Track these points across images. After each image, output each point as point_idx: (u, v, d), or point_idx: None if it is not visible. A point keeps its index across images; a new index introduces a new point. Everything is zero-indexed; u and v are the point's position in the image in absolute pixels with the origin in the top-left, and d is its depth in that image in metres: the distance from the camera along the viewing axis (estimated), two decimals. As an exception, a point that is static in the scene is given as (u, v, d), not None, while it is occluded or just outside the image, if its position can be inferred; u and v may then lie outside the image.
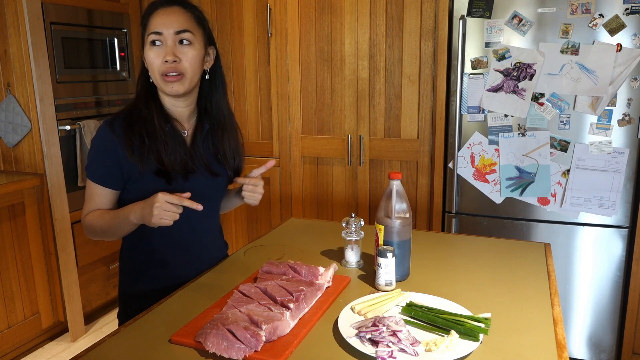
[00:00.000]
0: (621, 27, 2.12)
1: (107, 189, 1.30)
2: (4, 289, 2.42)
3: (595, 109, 2.20)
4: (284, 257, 1.47)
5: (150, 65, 1.30)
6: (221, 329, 0.96)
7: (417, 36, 2.51)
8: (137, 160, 1.27)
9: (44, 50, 2.49)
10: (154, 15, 1.30)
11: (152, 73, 1.31)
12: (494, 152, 2.38)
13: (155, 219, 1.16)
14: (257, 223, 3.07)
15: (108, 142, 1.28)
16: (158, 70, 1.28)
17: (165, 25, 1.27)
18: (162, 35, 1.27)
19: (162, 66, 1.28)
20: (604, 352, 2.39)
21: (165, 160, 1.30)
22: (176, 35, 1.28)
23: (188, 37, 1.29)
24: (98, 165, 1.30)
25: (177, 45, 1.28)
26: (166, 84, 1.30)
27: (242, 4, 2.84)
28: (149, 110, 1.32)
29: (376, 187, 2.73)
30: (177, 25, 1.28)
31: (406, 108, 2.59)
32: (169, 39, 1.27)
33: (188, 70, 1.30)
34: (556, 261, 2.34)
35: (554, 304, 1.15)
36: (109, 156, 1.28)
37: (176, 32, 1.28)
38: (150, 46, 1.29)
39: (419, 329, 1.03)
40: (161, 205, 1.15)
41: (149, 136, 1.29)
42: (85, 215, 1.32)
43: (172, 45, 1.28)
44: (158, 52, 1.28)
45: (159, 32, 1.28)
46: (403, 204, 1.26)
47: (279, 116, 2.87)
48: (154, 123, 1.31)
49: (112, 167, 1.28)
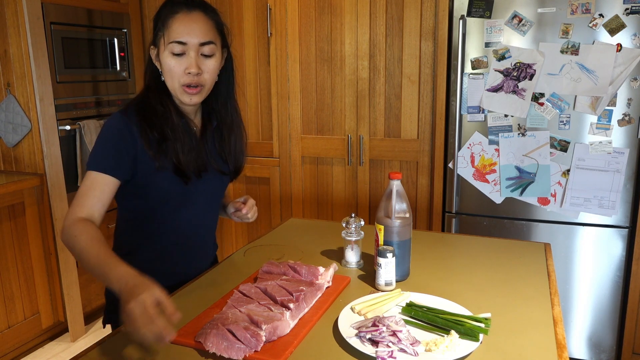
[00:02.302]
0: (621, 27, 2.12)
1: (112, 179, 1.21)
2: (4, 289, 2.42)
3: (595, 109, 2.20)
4: (284, 257, 1.47)
5: (170, 73, 1.26)
6: (221, 329, 0.96)
7: (417, 36, 2.51)
8: (154, 155, 1.24)
9: (44, 50, 2.49)
10: (176, 19, 1.24)
11: (171, 80, 1.27)
12: (494, 152, 2.38)
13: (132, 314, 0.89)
14: (257, 223, 3.07)
15: (125, 130, 1.23)
16: (179, 81, 1.26)
17: (190, 35, 1.23)
18: (186, 45, 1.23)
19: (184, 77, 1.25)
20: (604, 352, 2.39)
21: (182, 158, 1.28)
22: (200, 47, 1.24)
23: (211, 49, 1.27)
24: (107, 154, 1.22)
25: (200, 57, 1.25)
26: (185, 95, 1.27)
27: (242, 4, 2.84)
28: (164, 107, 1.29)
29: (376, 187, 2.73)
30: (202, 36, 1.24)
31: (406, 108, 2.59)
32: (192, 49, 1.24)
33: (208, 82, 1.29)
34: (556, 261, 2.34)
35: (554, 304, 1.15)
36: (123, 143, 1.23)
37: (200, 44, 1.24)
38: (171, 55, 1.24)
39: (419, 329, 1.03)
40: (145, 301, 0.90)
41: (167, 133, 1.27)
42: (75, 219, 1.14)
43: (195, 57, 1.24)
44: (180, 61, 1.25)
45: (183, 42, 1.23)
46: (403, 204, 1.26)
47: (279, 116, 2.87)
48: (172, 119, 1.28)
49: (125, 155, 1.23)
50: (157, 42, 1.28)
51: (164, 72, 1.28)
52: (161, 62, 1.28)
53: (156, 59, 1.30)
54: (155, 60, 1.30)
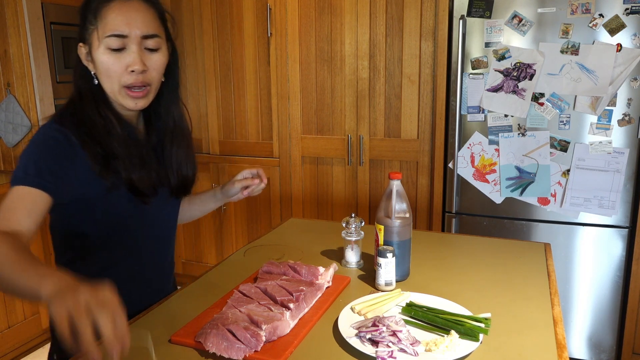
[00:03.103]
0: (621, 27, 2.12)
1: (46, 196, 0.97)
2: (4, 289, 2.43)
3: (595, 109, 2.20)
4: (284, 257, 1.47)
5: (107, 73, 1.07)
6: (221, 329, 0.96)
7: (417, 36, 2.51)
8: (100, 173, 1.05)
9: (44, 50, 2.49)
10: (111, 9, 1.04)
11: (109, 82, 1.08)
12: (494, 152, 2.38)
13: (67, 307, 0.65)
14: (257, 223, 3.07)
15: (66, 143, 1.03)
16: (120, 81, 1.07)
17: (130, 26, 1.04)
18: (127, 39, 1.05)
19: (125, 76, 1.06)
20: (604, 352, 2.39)
21: (134, 176, 1.09)
22: (143, 40, 1.06)
23: (157, 42, 1.09)
24: (42, 168, 0.98)
25: (143, 52, 1.07)
26: (129, 99, 1.09)
27: (242, 4, 2.84)
28: (104, 118, 1.09)
29: (376, 187, 2.73)
30: (144, 27, 1.06)
31: (406, 108, 2.59)
32: (133, 43, 1.05)
33: (155, 81, 1.11)
34: (556, 261, 2.34)
35: (554, 304, 1.15)
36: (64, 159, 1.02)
37: (143, 37, 1.06)
38: (108, 51, 1.05)
39: (419, 329, 1.03)
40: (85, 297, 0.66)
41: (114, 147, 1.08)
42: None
43: (138, 51, 1.06)
44: (119, 58, 1.05)
45: (122, 35, 1.04)
46: (403, 204, 1.26)
47: (279, 116, 2.87)
48: (115, 131, 1.09)
49: (66, 172, 1.01)
50: (87, 38, 1.08)
51: (99, 73, 1.08)
52: (95, 62, 1.08)
53: (87, 58, 1.10)
54: (86, 61, 1.10)
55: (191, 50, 3.00)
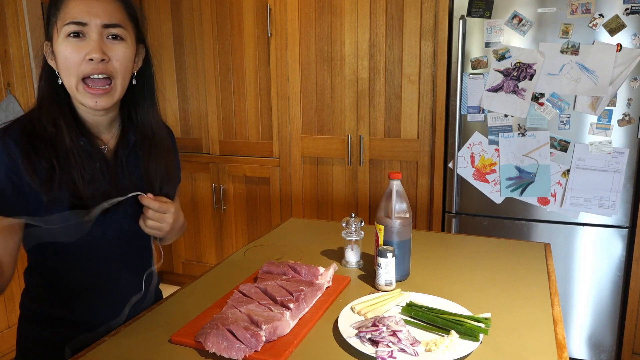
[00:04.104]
0: (621, 27, 2.12)
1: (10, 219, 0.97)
2: (4, 289, 2.43)
3: (595, 109, 2.20)
4: (284, 257, 1.47)
5: (65, 63, 0.99)
6: (221, 329, 0.96)
7: (417, 36, 2.51)
8: (41, 189, 0.97)
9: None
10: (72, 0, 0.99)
11: (67, 75, 1.00)
12: (494, 152, 2.38)
13: None
14: (257, 223, 3.07)
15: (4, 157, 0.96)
16: (78, 72, 0.99)
17: (90, 14, 0.98)
18: (86, 27, 0.98)
19: (84, 66, 0.98)
20: (604, 352, 2.39)
21: (81, 191, 1.00)
22: (104, 29, 0.99)
23: (119, 32, 1.01)
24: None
25: (104, 41, 1.00)
26: (88, 95, 1.00)
27: (242, 4, 2.84)
28: (55, 126, 1.01)
29: (376, 187, 2.73)
30: (106, 16, 0.99)
31: (406, 108, 2.59)
32: (94, 31, 0.98)
33: (119, 74, 1.02)
34: (556, 261, 2.34)
35: (554, 304, 1.15)
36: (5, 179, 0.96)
37: (104, 25, 0.99)
38: (67, 38, 0.98)
39: (419, 329, 1.03)
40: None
41: (60, 161, 0.99)
42: None
43: (98, 39, 0.98)
44: (79, 46, 0.98)
45: (81, 22, 0.97)
46: (403, 204, 1.26)
47: (279, 116, 2.87)
48: (64, 142, 1.00)
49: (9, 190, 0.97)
50: (50, 34, 1.02)
51: (59, 68, 1.01)
52: (55, 56, 1.01)
53: (50, 56, 1.03)
54: (50, 59, 1.04)
55: (191, 50, 3.00)
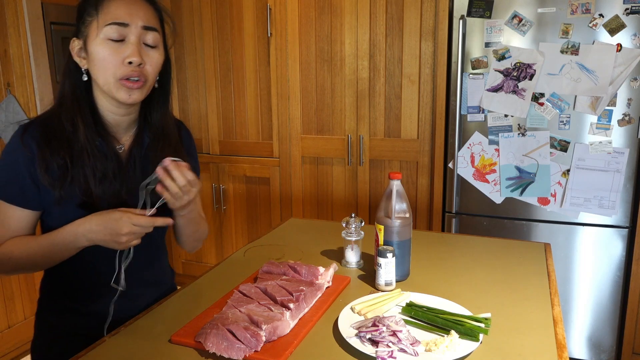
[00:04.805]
0: (621, 27, 2.12)
1: (26, 210, 1.06)
2: (4, 289, 2.42)
3: (595, 109, 2.20)
4: (284, 257, 1.47)
5: (102, 63, 1.03)
6: (221, 329, 0.96)
7: (417, 36, 2.51)
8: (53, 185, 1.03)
9: (44, 50, 2.49)
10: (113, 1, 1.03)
11: (104, 74, 1.04)
12: (494, 152, 2.38)
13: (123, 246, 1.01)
14: (257, 223, 3.07)
15: (18, 156, 1.03)
16: (116, 73, 1.03)
17: (132, 16, 1.02)
18: (128, 28, 1.02)
19: (123, 68, 1.03)
20: (604, 352, 2.39)
21: (92, 189, 1.05)
22: (143, 31, 1.04)
23: (155, 38, 1.07)
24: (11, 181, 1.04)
25: (142, 46, 1.05)
26: (124, 90, 1.04)
27: (242, 4, 2.84)
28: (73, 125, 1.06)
29: (376, 187, 2.73)
30: (146, 19, 1.05)
31: (406, 108, 2.59)
32: (134, 34, 1.03)
33: (150, 77, 1.08)
34: (556, 261, 2.34)
35: (554, 304, 1.15)
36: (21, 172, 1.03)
37: (144, 27, 1.04)
38: (107, 41, 1.02)
39: (419, 329, 1.03)
40: (130, 232, 0.98)
41: (72, 158, 1.05)
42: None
43: (137, 44, 1.03)
44: (118, 49, 1.02)
45: (124, 24, 1.02)
46: (403, 204, 1.26)
47: (279, 116, 2.87)
48: (79, 140, 1.05)
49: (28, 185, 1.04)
50: (83, 31, 1.05)
51: (93, 66, 1.04)
52: (89, 54, 1.04)
53: (79, 53, 1.07)
54: (78, 56, 1.07)
55: (191, 50, 3.00)
